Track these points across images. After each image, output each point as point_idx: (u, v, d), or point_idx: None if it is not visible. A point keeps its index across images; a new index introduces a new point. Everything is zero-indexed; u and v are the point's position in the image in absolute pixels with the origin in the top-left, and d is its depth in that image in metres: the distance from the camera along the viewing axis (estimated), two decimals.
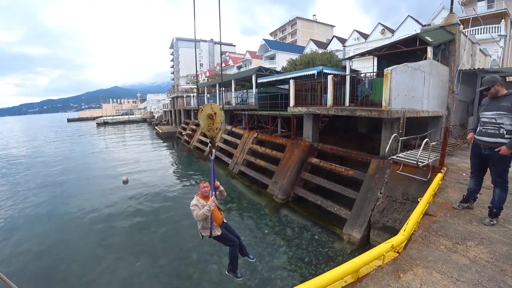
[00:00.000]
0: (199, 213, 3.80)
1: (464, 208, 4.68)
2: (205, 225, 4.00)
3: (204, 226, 4.02)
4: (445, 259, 3.29)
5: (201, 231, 4.09)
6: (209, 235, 4.08)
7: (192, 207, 3.92)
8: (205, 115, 3.75)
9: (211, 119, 3.78)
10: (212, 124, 3.81)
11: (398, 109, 7.97)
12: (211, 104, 3.85)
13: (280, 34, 68.84)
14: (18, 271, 7.22)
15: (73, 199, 12.81)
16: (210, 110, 3.77)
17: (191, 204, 3.96)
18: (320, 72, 13.34)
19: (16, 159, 24.53)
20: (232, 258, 4.33)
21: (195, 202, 3.97)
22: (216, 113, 3.79)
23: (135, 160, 21.88)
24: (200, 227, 4.06)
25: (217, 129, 3.89)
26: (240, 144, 16.62)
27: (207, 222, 3.98)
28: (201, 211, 3.79)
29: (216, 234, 4.11)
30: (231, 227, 4.48)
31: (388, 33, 32.64)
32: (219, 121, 3.86)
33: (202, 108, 3.76)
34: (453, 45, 10.91)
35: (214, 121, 3.81)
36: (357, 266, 2.95)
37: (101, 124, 64.45)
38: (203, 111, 3.75)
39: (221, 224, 4.25)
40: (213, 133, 3.88)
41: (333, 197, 9.68)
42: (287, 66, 24.72)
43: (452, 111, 11.50)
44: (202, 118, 3.77)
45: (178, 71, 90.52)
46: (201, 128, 3.84)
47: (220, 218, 4.26)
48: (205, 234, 4.09)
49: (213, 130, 3.86)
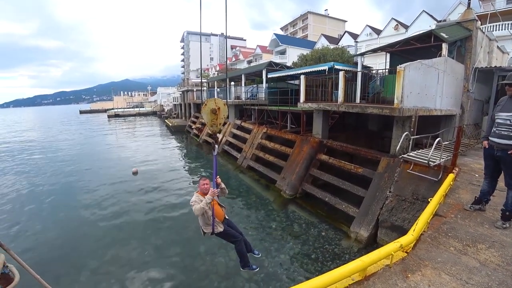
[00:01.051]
0: (197, 207, 3.74)
1: (476, 210, 4.60)
2: (206, 221, 3.96)
3: (206, 223, 3.98)
4: (455, 261, 3.26)
5: (203, 227, 4.04)
6: (212, 232, 4.03)
7: (192, 203, 3.87)
8: (208, 110, 3.63)
9: (214, 114, 3.65)
10: (216, 119, 3.69)
11: (410, 107, 7.85)
12: (215, 99, 3.73)
13: (291, 29, 68.13)
14: (31, 258, 7.46)
15: (84, 189, 13.11)
16: (214, 105, 3.64)
17: (191, 200, 3.92)
18: (331, 68, 13.21)
19: (32, 148, 25.20)
20: (240, 254, 4.33)
21: (194, 199, 3.92)
22: (219, 108, 3.66)
23: (145, 152, 22.20)
24: (202, 224, 4.01)
25: (221, 124, 3.77)
26: (249, 139, 16.65)
27: (208, 218, 3.93)
28: (199, 205, 3.74)
29: (219, 231, 4.06)
30: (233, 223, 4.45)
31: (401, 29, 31.94)
32: (222, 116, 3.73)
33: (205, 102, 3.65)
34: (470, 42, 10.61)
35: (218, 116, 3.68)
36: (365, 265, 2.96)
37: (112, 116, 65.34)
38: (207, 106, 3.63)
39: (223, 220, 4.22)
40: (216, 128, 3.76)
41: (341, 195, 9.64)
42: (298, 62, 24.48)
43: (466, 110, 11.23)
44: (205, 113, 3.66)
45: (189, 65, 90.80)
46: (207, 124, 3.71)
47: (222, 214, 4.22)
48: (207, 231, 4.04)
49: (217, 125, 3.74)
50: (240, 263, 4.42)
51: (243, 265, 4.41)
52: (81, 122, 56.28)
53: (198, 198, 3.92)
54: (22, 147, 26.49)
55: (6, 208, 10.98)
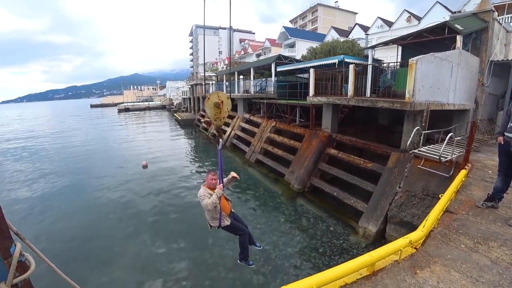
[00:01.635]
0: (208, 202, 3.74)
1: (488, 207, 4.52)
2: (214, 215, 3.98)
3: (213, 217, 4.00)
4: (465, 258, 3.22)
5: (210, 221, 4.07)
6: (218, 226, 4.06)
7: (201, 197, 3.86)
8: (211, 103, 3.59)
9: (218, 108, 3.62)
10: (219, 113, 3.66)
11: (422, 101, 7.69)
12: (218, 92, 3.70)
13: (301, 22, 67.17)
14: (46, 249, 7.70)
15: (95, 182, 13.38)
16: (217, 98, 3.61)
17: (199, 194, 3.91)
18: (341, 61, 13.02)
19: (46, 142, 25.85)
20: (242, 247, 4.38)
21: (203, 192, 3.91)
22: (223, 101, 3.64)
23: (154, 145, 22.47)
24: (209, 217, 4.04)
25: (224, 118, 3.75)
26: (258, 133, 16.65)
27: (216, 212, 3.95)
28: (210, 199, 3.75)
29: (226, 224, 4.09)
30: (238, 216, 4.49)
31: (414, 21, 31.10)
32: (226, 110, 3.70)
33: (208, 96, 3.63)
34: (486, 34, 10.27)
35: (221, 109, 3.65)
36: (373, 260, 2.95)
37: (122, 110, 66.16)
38: (210, 99, 3.60)
39: (229, 213, 4.25)
40: (220, 122, 3.74)
41: (350, 189, 9.58)
42: (307, 55, 24.20)
43: (481, 104, 10.94)
44: (208, 107, 3.62)
45: (198, 59, 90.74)
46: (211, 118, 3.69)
47: (228, 208, 4.25)
48: (213, 224, 4.06)
49: (220, 119, 3.72)
50: (240, 255, 4.47)
51: (241, 257, 4.46)
52: (92, 116, 57.24)
53: (206, 192, 3.93)
54: (38, 141, 27.17)
55: (21, 198, 11.34)
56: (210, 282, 6.24)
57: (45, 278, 2.68)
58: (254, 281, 6.22)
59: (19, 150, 22.21)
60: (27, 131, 35.29)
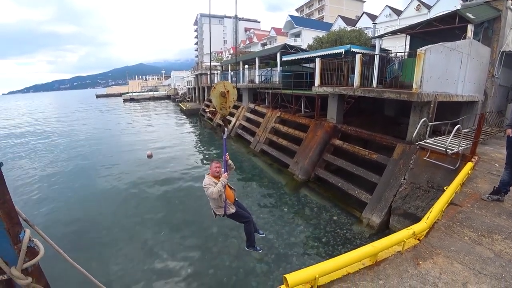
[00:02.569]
0: (213, 190, 3.78)
1: (494, 201, 4.49)
2: (219, 203, 4.03)
3: (218, 205, 4.05)
4: (468, 251, 3.23)
5: (215, 210, 4.13)
6: (224, 214, 4.12)
7: (206, 186, 3.90)
8: (217, 93, 3.61)
9: (223, 97, 3.64)
10: (225, 103, 3.67)
11: (429, 93, 7.57)
12: (224, 81, 3.72)
13: (307, 10, 65.88)
14: (53, 235, 7.88)
15: (102, 172, 13.56)
16: (223, 88, 3.63)
17: (204, 183, 3.95)
18: (348, 51, 12.81)
19: (53, 131, 26.17)
20: (248, 234, 4.48)
21: (207, 181, 3.95)
22: (229, 91, 3.65)
23: (159, 135, 22.61)
24: (214, 206, 4.09)
25: (230, 107, 3.76)
26: (263, 123, 16.61)
27: (221, 201, 4.00)
28: (215, 188, 3.78)
29: (231, 212, 4.16)
30: (242, 204, 4.56)
31: (424, 9, 30.26)
32: (232, 100, 3.72)
33: (214, 86, 3.64)
34: (498, 23, 9.99)
35: (227, 99, 3.66)
36: (376, 250, 2.98)
37: (127, 100, 66.30)
38: (216, 89, 3.61)
39: (234, 202, 4.31)
40: (225, 111, 3.75)
41: (354, 180, 9.58)
42: (313, 44, 23.85)
43: (490, 96, 10.73)
44: (214, 96, 3.64)
45: (202, 48, 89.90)
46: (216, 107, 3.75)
47: (233, 196, 4.30)
48: (219, 213, 4.12)
49: (226, 108, 3.73)
50: (246, 242, 4.57)
51: (248, 244, 4.56)
52: (98, 106, 57.55)
53: (211, 180, 3.97)
54: (46, 131, 27.52)
55: (29, 186, 11.57)
56: (214, 270, 6.36)
57: (54, 263, 2.75)
58: (258, 269, 6.32)
59: (28, 140, 22.53)
60: (35, 123, 35.68)
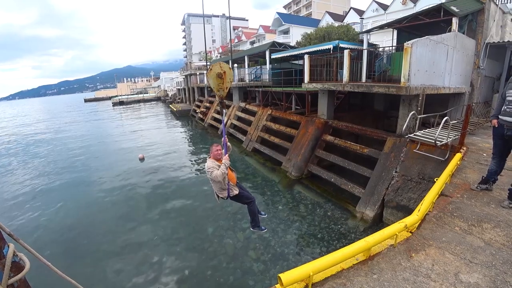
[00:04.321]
0: (218, 173, 3.74)
1: (483, 190, 4.56)
2: (222, 186, 3.98)
3: (221, 188, 4.01)
4: (459, 241, 3.28)
5: (218, 193, 4.08)
6: (227, 196, 4.08)
7: (209, 169, 3.85)
8: (214, 74, 3.59)
9: (220, 78, 3.62)
10: (222, 84, 3.65)
11: (417, 86, 7.66)
12: (220, 62, 3.67)
13: (295, 7, 65.99)
14: (45, 244, 7.75)
15: (92, 176, 13.36)
16: (219, 69, 3.60)
17: (207, 167, 3.90)
18: (336, 47, 12.88)
19: (42, 138, 25.64)
20: (253, 214, 4.44)
21: (211, 164, 3.90)
22: (225, 72, 3.63)
23: (150, 138, 22.38)
24: (217, 189, 4.05)
25: (227, 88, 3.73)
26: (254, 121, 16.59)
27: (224, 183, 3.96)
28: (219, 171, 3.75)
29: (234, 193, 4.12)
30: (242, 186, 4.53)
31: (410, 3, 30.65)
32: (229, 80, 3.69)
33: (211, 67, 3.60)
34: (482, 15, 10.17)
35: (224, 80, 3.64)
36: (369, 245, 3.00)
37: (117, 103, 65.31)
38: (212, 70, 3.58)
39: (236, 183, 4.27)
40: (223, 93, 3.72)
41: (347, 175, 9.66)
42: (302, 41, 23.92)
43: (476, 87, 10.93)
44: (211, 77, 3.61)
45: (191, 48, 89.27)
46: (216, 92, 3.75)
47: (234, 177, 4.27)
48: (222, 195, 4.08)
49: (223, 89, 3.70)
50: (251, 223, 4.55)
51: (254, 225, 4.53)
52: (87, 111, 56.61)
53: (214, 163, 3.92)
54: (34, 138, 26.95)
55: (19, 194, 11.32)
56: (211, 271, 6.33)
57: (44, 276, 2.69)
58: (255, 269, 6.33)
59: (14, 148, 22.03)
60: (21, 131, 34.93)
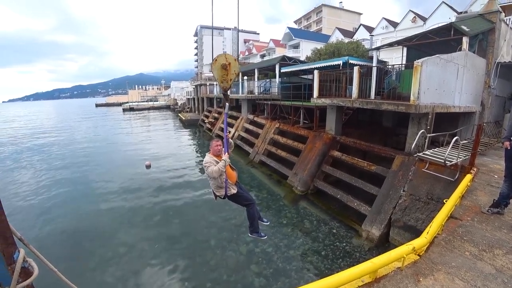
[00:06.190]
0: (214, 169, 3.62)
1: (494, 213, 4.44)
2: (219, 184, 3.84)
3: (218, 185, 3.86)
4: (470, 266, 3.16)
5: (215, 191, 3.93)
6: (224, 195, 3.92)
7: (206, 164, 3.74)
8: (218, 65, 3.52)
9: (225, 70, 3.55)
10: (226, 75, 3.59)
11: (427, 104, 7.61)
12: (225, 54, 3.63)
13: (305, 22, 66.96)
14: (47, 247, 7.76)
15: (99, 182, 13.46)
16: (224, 60, 3.53)
17: (205, 161, 3.80)
18: (346, 63, 12.95)
19: (52, 140, 26.07)
20: (251, 218, 4.23)
21: (208, 159, 3.80)
22: (230, 63, 3.55)
23: (158, 145, 22.57)
24: (214, 187, 3.91)
25: (231, 80, 3.66)
26: (262, 134, 16.62)
27: (221, 181, 3.82)
28: (216, 167, 3.62)
29: (232, 193, 3.95)
30: (243, 187, 4.32)
31: (419, 21, 30.85)
32: (233, 72, 3.63)
33: (216, 58, 3.54)
34: (492, 35, 10.15)
35: (228, 71, 3.58)
36: (375, 267, 2.92)
37: (127, 109, 66.48)
38: (217, 61, 3.53)
39: (236, 183, 4.10)
40: (226, 84, 3.66)
41: (353, 192, 9.51)
42: (312, 56, 24.14)
43: (487, 107, 10.80)
44: (216, 68, 3.55)
45: (202, 59, 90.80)
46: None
47: (234, 176, 4.09)
48: (219, 194, 3.93)
49: (227, 81, 3.64)
50: (250, 228, 4.30)
51: (252, 230, 4.28)
52: (97, 116, 57.62)
53: (212, 159, 3.82)
54: (45, 140, 27.46)
55: (25, 198, 11.44)
56: (211, 284, 6.23)
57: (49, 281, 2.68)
58: (256, 284, 6.20)
59: (24, 150, 22.42)
60: (34, 133, 35.63)
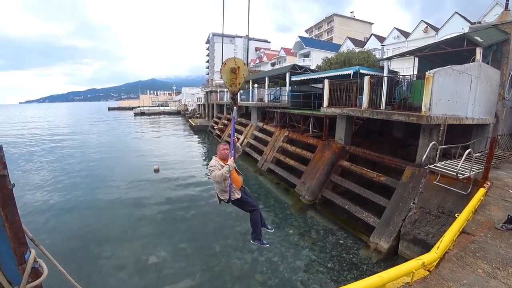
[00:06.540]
0: (217, 173, 3.64)
1: (508, 230, 4.29)
2: (224, 188, 3.84)
3: (222, 189, 3.86)
4: (482, 285, 3.05)
5: (219, 194, 3.93)
6: (228, 199, 3.90)
7: (211, 167, 3.76)
8: (228, 69, 3.56)
9: (234, 74, 3.58)
10: (235, 79, 3.62)
11: (439, 115, 7.49)
12: (235, 58, 3.65)
13: (316, 31, 67.33)
14: (55, 250, 7.85)
15: (107, 185, 13.66)
16: (234, 64, 3.56)
17: (210, 165, 3.81)
18: (356, 72, 12.91)
19: (66, 143, 26.66)
20: (254, 225, 4.19)
21: (214, 163, 3.81)
22: (239, 67, 3.58)
23: (167, 150, 22.83)
24: (218, 191, 3.91)
25: (240, 84, 3.68)
26: (271, 142, 16.62)
27: (225, 185, 3.81)
28: (220, 171, 3.64)
29: (236, 197, 3.92)
30: (249, 192, 4.29)
31: (431, 32, 30.63)
32: (242, 76, 3.65)
33: (225, 62, 3.57)
34: (507, 45, 9.99)
35: (237, 75, 3.61)
36: (383, 281, 2.84)
37: (138, 114, 67.67)
38: (226, 65, 3.56)
39: (240, 187, 4.08)
40: (235, 88, 3.68)
41: (362, 203, 9.35)
42: (322, 65, 24.16)
43: (501, 119, 10.56)
44: (225, 72, 3.58)
45: (213, 66, 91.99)
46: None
47: (240, 181, 4.08)
48: (223, 198, 3.92)
49: (236, 85, 3.66)
50: (252, 234, 4.26)
51: (254, 237, 4.24)
52: (109, 119, 58.75)
53: (217, 163, 3.83)
54: (57, 142, 28.12)
55: (36, 199, 11.67)
56: None
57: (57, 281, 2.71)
58: None
59: (39, 151, 22.95)
60: (51, 133, 36.51)
